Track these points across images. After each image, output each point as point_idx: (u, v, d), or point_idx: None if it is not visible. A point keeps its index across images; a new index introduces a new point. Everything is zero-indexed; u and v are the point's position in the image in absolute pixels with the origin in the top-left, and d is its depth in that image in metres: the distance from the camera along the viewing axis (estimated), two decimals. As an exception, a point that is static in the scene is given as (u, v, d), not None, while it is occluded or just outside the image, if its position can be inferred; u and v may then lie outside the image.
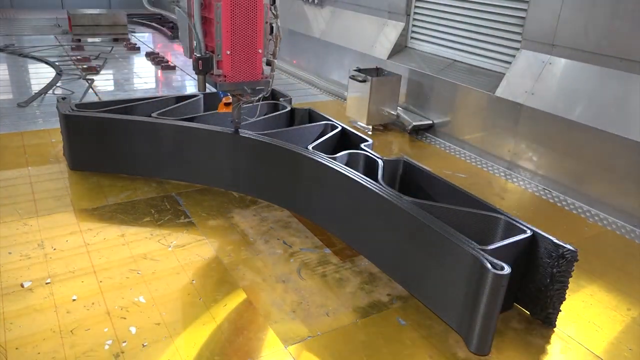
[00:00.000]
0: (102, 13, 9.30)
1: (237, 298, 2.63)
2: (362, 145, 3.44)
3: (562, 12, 4.06)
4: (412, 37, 5.95)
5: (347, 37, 6.66)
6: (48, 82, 6.21)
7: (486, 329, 2.28)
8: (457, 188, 2.94)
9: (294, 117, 4.17)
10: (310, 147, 3.34)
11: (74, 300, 2.53)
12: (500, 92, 4.53)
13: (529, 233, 2.48)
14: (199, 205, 3.50)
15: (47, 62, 7.25)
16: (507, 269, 2.17)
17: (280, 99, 4.35)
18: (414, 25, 5.90)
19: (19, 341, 2.25)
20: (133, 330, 2.36)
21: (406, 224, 2.61)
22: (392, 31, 6.03)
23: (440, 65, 5.40)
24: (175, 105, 3.97)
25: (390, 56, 5.90)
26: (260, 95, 3.28)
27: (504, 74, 4.64)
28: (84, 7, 11.06)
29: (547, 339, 2.49)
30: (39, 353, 2.20)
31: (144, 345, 2.27)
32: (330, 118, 3.92)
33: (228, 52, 3.04)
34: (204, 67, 3.09)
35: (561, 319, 2.57)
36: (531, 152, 4.31)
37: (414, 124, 5.19)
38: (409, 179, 3.24)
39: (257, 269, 2.87)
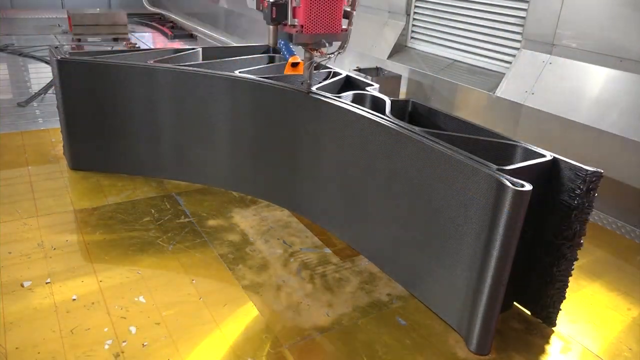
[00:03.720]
0: (102, 13, 9.31)
1: (237, 298, 2.63)
2: (367, 88, 3.36)
3: (562, 12, 4.06)
4: (412, 37, 5.95)
5: (347, 37, 6.65)
6: (48, 82, 6.21)
7: (486, 328, 2.28)
8: (469, 122, 2.84)
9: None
10: (314, 88, 3.21)
11: (74, 300, 2.53)
12: (500, 92, 4.53)
13: (548, 157, 2.38)
14: (199, 205, 3.50)
15: (47, 62, 7.25)
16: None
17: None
18: (414, 25, 5.90)
19: (19, 341, 2.25)
20: (133, 330, 2.36)
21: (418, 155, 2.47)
22: (392, 31, 6.03)
23: (440, 65, 5.40)
24: (173, 55, 3.90)
25: (390, 56, 5.91)
26: (337, 51, 2.90)
27: (504, 74, 4.64)
28: (84, 7, 11.07)
29: (547, 339, 2.49)
30: (39, 353, 2.20)
31: (144, 345, 2.27)
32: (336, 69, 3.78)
33: None
34: (278, 15, 2.76)
35: (561, 319, 2.57)
36: (531, 152, 4.31)
37: None
38: (418, 120, 3.15)
39: (257, 269, 2.87)
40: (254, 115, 3.36)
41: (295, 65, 3.14)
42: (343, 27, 2.86)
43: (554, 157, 2.38)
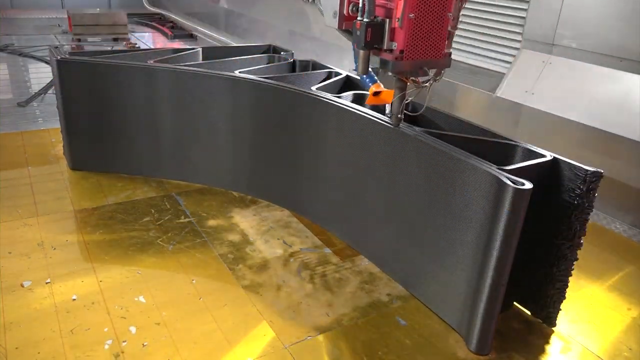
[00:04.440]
0: (102, 13, 9.31)
1: (237, 298, 2.63)
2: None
3: (562, 12, 4.06)
4: (412, 37, 5.94)
5: (347, 37, 6.65)
6: (48, 82, 6.21)
7: (486, 328, 2.28)
8: (469, 122, 2.81)
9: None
10: (313, 88, 3.22)
11: (74, 300, 2.53)
12: (500, 92, 4.53)
13: (548, 157, 2.39)
14: (199, 205, 3.50)
15: (47, 62, 7.25)
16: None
17: (282, 53, 4.19)
18: (414, 25, 5.89)
19: (19, 341, 2.25)
20: (133, 330, 2.36)
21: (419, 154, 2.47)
22: (392, 31, 6.02)
23: (440, 65, 5.40)
24: (172, 55, 3.89)
25: (390, 56, 5.90)
26: (433, 79, 2.44)
27: (504, 74, 4.64)
28: (84, 7, 11.08)
29: (547, 339, 2.49)
30: (39, 353, 2.20)
31: (144, 345, 2.27)
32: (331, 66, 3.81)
33: (411, 15, 2.17)
34: (373, 38, 2.24)
35: (561, 319, 2.57)
36: (531, 152, 4.30)
37: None
38: (418, 120, 3.09)
39: (257, 269, 2.87)
40: (253, 115, 3.37)
41: (377, 94, 2.71)
42: (446, 51, 2.39)
43: (554, 157, 2.38)
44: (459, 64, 5.28)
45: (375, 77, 2.66)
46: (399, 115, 2.58)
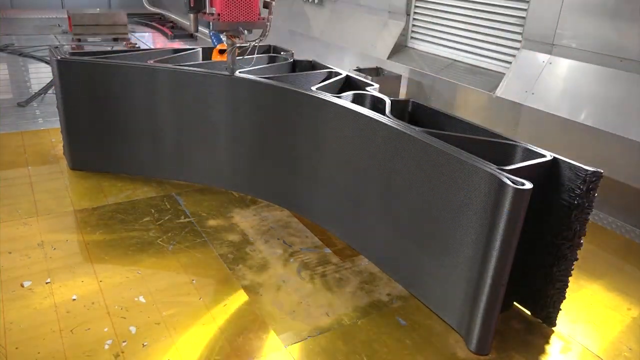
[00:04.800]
0: (102, 13, 9.31)
1: (237, 298, 2.63)
2: (367, 88, 3.36)
3: (562, 12, 4.06)
4: (412, 37, 5.95)
5: (347, 37, 6.66)
6: (48, 82, 6.21)
7: (486, 328, 2.28)
8: (469, 122, 2.82)
9: (295, 70, 4.04)
10: (313, 88, 3.23)
11: (74, 300, 2.53)
12: (500, 92, 4.53)
13: (548, 157, 2.39)
14: (199, 205, 3.50)
15: (47, 62, 7.25)
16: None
17: (282, 53, 4.19)
18: (414, 25, 5.91)
19: (19, 341, 2.25)
20: (133, 330, 2.36)
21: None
22: (392, 31, 6.03)
23: (440, 65, 5.40)
24: (172, 55, 3.90)
25: (390, 56, 5.91)
26: (258, 39, 3.18)
27: (504, 74, 4.64)
28: (84, 7, 11.08)
29: (547, 339, 2.49)
30: (39, 353, 2.20)
31: (144, 345, 2.27)
32: (332, 67, 3.82)
33: None
34: (195, 5, 3.02)
35: (561, 319, 2.57)
36: (531, 152, 4.30)
37: None
38: (418, 120, 3.13)
39: (257, 269, 2.87)
40: (253, 115, 3.37)
41: (222, 52, 3.34)
42: (262, 16, 3.09)
43: (554, 157, 2.38)
44: (459, 64, 5.29)
45: (222, 38, 3.31)
46: (232, 66, 3.27)
